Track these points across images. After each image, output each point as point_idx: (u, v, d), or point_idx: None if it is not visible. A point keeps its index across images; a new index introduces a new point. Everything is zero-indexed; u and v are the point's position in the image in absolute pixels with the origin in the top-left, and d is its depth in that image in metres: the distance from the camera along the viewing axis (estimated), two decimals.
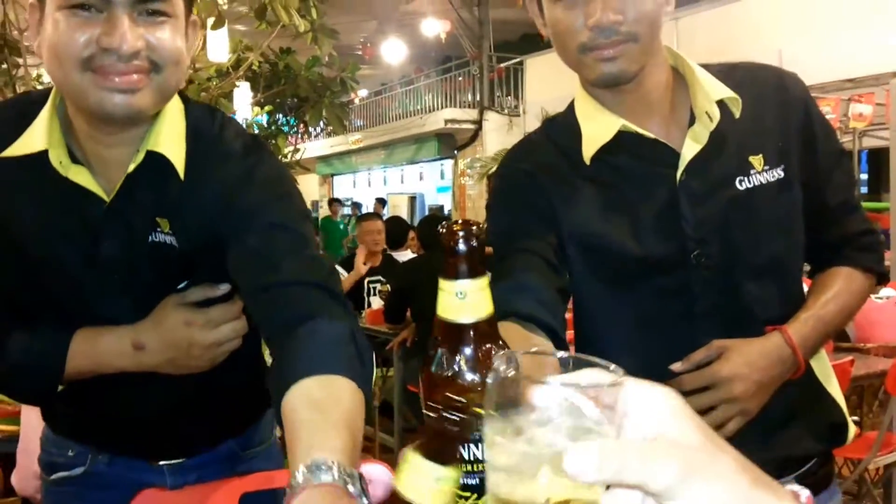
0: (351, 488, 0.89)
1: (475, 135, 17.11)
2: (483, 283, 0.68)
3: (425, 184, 21.79)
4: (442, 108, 17.61)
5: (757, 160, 1.39)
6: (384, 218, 7.90)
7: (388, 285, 6.18)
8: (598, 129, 1.39)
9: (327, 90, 7.14)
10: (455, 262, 0.67)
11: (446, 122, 17.09)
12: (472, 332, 0.68)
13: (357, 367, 1.13)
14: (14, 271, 1.39)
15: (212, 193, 1.34)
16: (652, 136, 1.38)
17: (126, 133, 1.32)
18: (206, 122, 1.40)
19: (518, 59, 16.13)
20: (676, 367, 1.36)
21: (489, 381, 0.56)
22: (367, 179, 24.44)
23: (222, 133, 1.40)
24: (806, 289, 1.51)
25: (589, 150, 1.39)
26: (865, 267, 1.48)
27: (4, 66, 5.86)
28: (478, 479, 0.68)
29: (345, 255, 10.01)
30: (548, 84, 13.01)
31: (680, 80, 1.42)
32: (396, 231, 7.07)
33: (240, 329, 1.45)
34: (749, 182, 1.38)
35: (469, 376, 0.68)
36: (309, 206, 2.15)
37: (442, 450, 0.70)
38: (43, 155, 1.30)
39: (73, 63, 1.20)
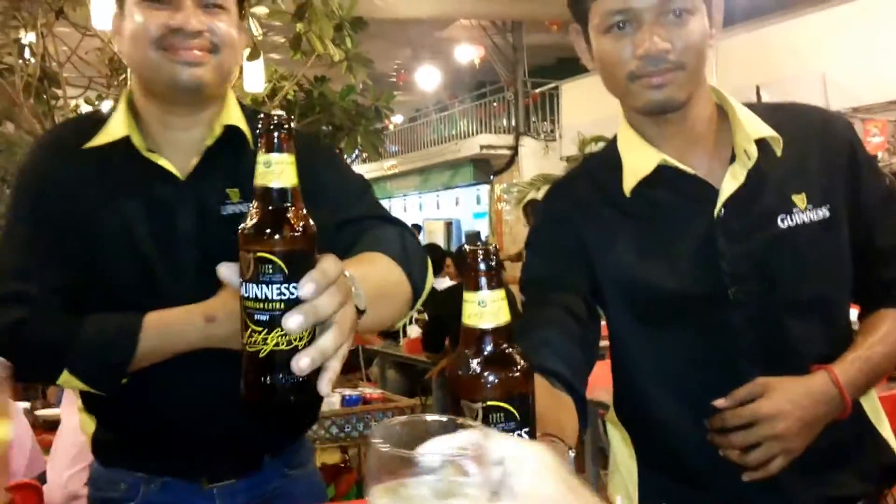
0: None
1: (511, 160, 17.10)
2: (500, 294, 0.84)
3: (461, 209, 21.75)
4: (477, 133, 17.62)
5: (800, 199, 1.38)
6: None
7: (425, 313, 6.15)
8: (638, 161, 1.40)
9: (362, 118, 7.18)
10: (476, 277, 0.83)
11: (482, 147, 17.10)
12: (492, 336, 0.84)
13: (398, 249, 1.39)
14: (84, 268, 1.50)
15: None
16: (691, 171, 1.38)
17: (195, 115, 1.55)
18: (256, 113, 1.63)
19: (553, 85, 16.11)
20: (719, 403, 1.35)
21: (369, 452, 0.62)
22: (402, 205, 24.52)
23: None
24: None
25: (629, 182, 1.40)
26: None
27: (44, 96, 6.01)
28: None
29: None
30: (583, 108, 12.95)
31: (724, 117, 1.43)
32: (432, 258, 7.00)
33: None
34: (791, 220, 1.37)
35: (489, 371, 0.83)
36: None
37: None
38: (120, 144, 1.51)
39: (147, 42, 1.46)
